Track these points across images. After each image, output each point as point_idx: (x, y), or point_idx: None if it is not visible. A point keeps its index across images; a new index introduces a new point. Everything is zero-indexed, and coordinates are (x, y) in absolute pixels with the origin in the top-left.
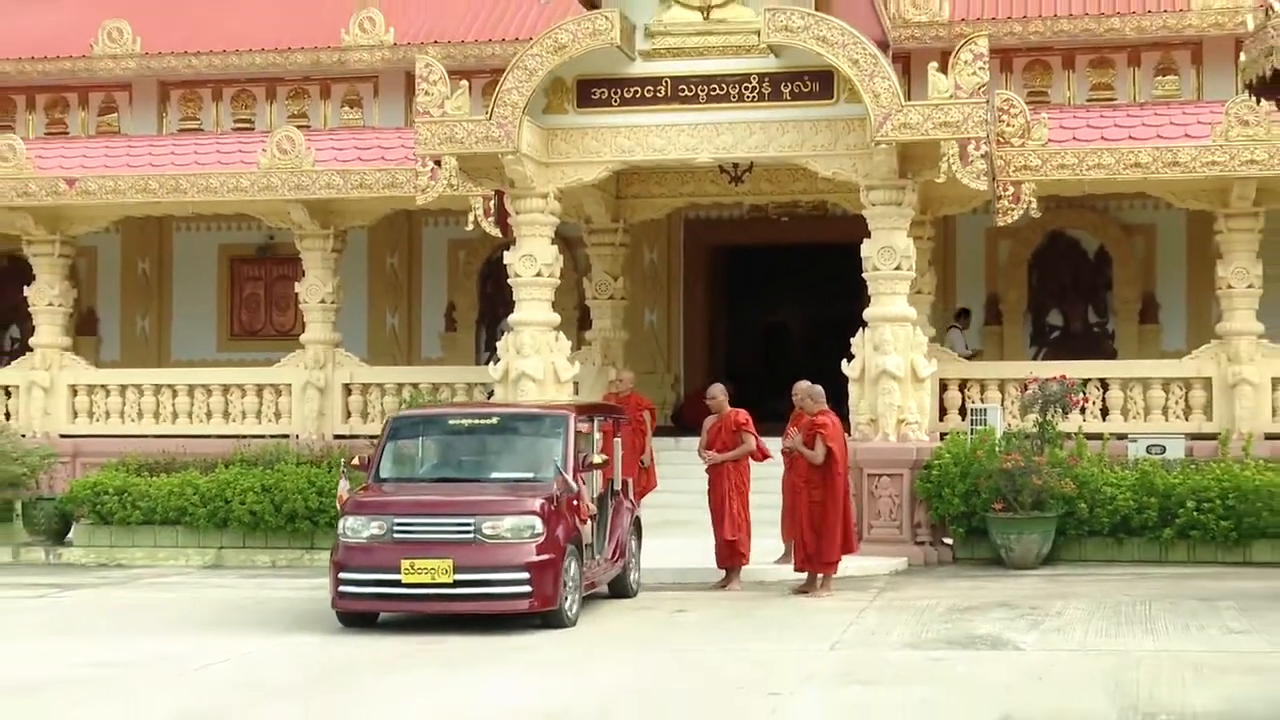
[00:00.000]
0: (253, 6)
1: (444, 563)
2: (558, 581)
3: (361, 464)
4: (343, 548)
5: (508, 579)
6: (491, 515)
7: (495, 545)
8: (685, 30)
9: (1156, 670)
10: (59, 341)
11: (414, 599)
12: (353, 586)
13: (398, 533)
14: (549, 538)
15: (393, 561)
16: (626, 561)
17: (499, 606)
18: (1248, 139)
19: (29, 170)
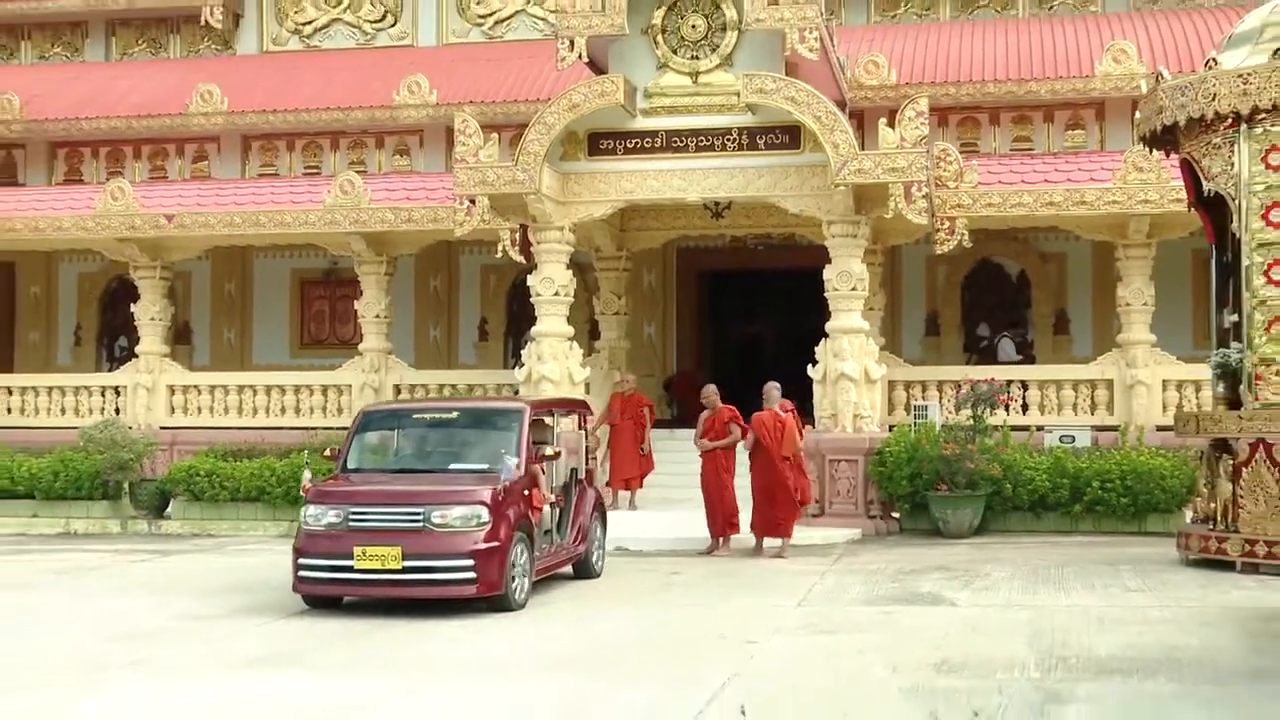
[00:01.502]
0: (320, 72)
1: (393, 550)
2: (503, 568)
3: (333, 455)
4: (303, 534)
5: (453, 565)
6: (440, 505)
7: (442, 534)
8: (677, 92)
9: (1068, 622)
10: (159, 349)
11: (365, 584)
12: (310, 571)
13: (352, 521)
14: (495, 526)
15: (347, 548)
16: (589, 544)
17: (445, 592)
18: (1142, 182)
19: (136, 208)
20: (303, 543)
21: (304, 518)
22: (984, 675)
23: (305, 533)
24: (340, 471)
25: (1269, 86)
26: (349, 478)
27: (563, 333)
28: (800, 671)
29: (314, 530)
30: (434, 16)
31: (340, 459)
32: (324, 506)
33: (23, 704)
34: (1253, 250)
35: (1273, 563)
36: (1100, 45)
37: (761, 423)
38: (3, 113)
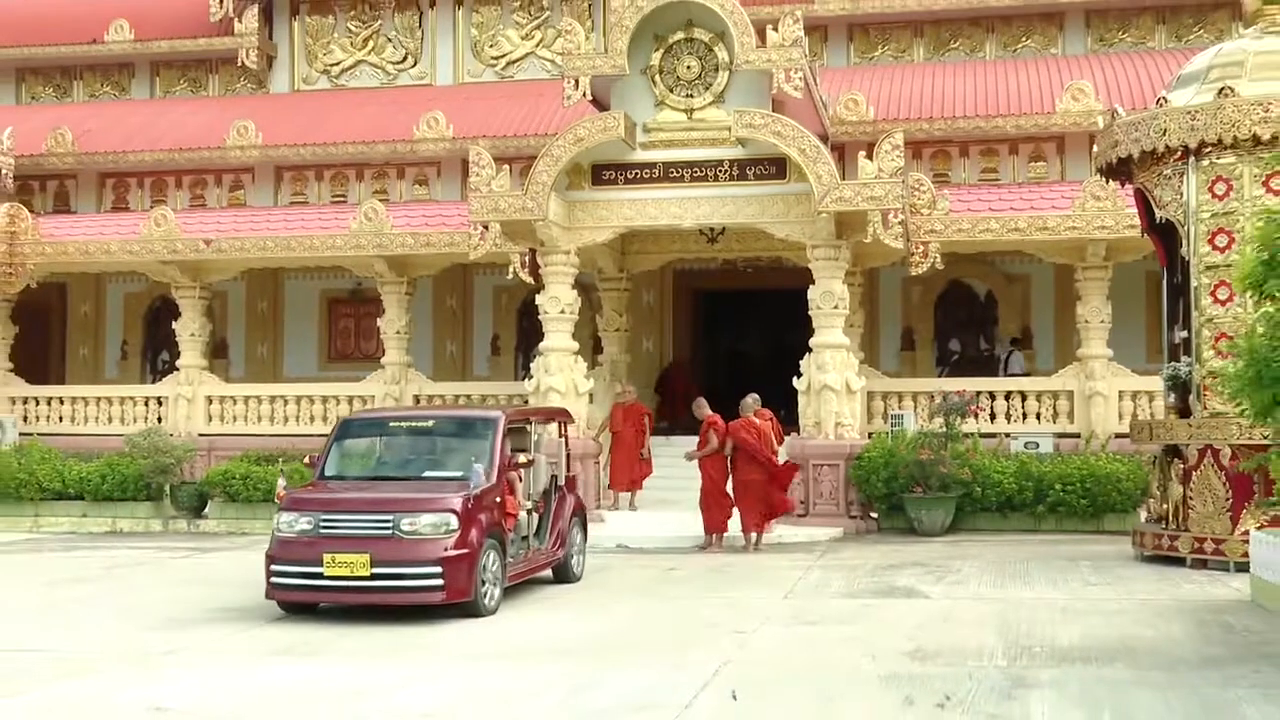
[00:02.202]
0: (347, 109)
1: (362, 557)
2: (472, 574)
3: (312, 462)
4: (276, 541)
5: (421, 573)
6: (409, 512)
7: (411, 541)
8: (674, 127)
9: (1032, 613)
10: (198, 363)
11: (335, 590)
12: (282, 578)
13: (323, 528)
14: (464, 534)
15: (317, 555)
16: (568, 550)
17: (413, 598)
18: (1099, 210)
19: (177, 233)
20: (275, 549)
21: (277, 524)
22: (955, 662)
23: (278, 539)
24: (318, 479)
25: (1214, 123)
26: (327, 485)
27: (569, 348)
28: (787, 659)
29: (286, 537)
30: (451, 58)
31: (319, 466)
32: (296, 514)
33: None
34: (1200, 272)
35: (1220, 559)
36: (1060, 84)
37: (736, 430)
38: (57, 146)
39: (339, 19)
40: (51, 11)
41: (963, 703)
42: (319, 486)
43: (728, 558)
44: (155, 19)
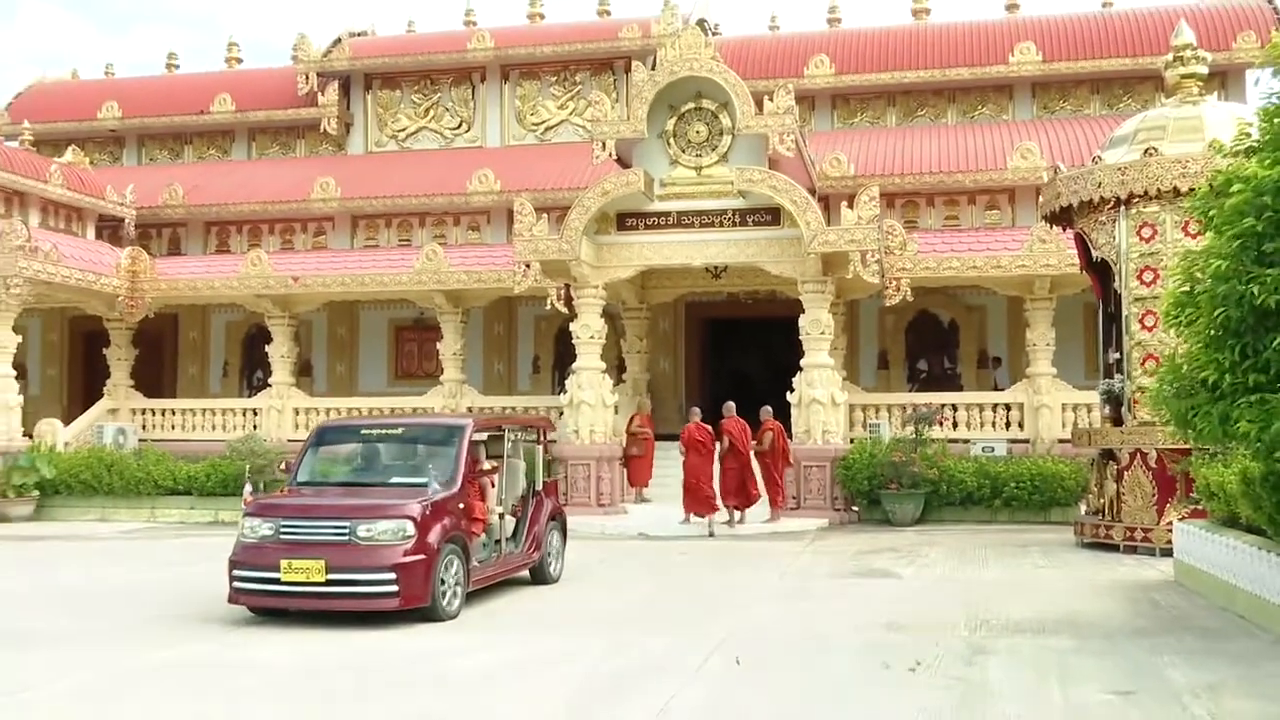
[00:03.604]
0: (411, 167)
1: (317, 563)
2: (428, 580)
3: (288, 468)
4: (239, 546)
5: (376, 579)
6: (365, 519)
7: (367, 547)
8: (685, 182)
9: (990, 591)
10: (287, 380)
11: (291, 595)
12: (243, 583)
13: (283, 534)
14: (421, 540)
15: (275, 561)
16: (545, 552)
17: (367, 605)
18: (1045, 251)
19: (270, 271)
20: (238, 554)
21: (242, 529)
22: (924, 633)
23: (241, 544)
24: (291, 484)
25: (1141, 177)
26: (299, 490)
27: (598, 367)
28: (782, 630)
29: (249, 542)
30: (499, 124)
31: (293, 473)
32: (260, 519)
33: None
34: (1131, 303)
35: (1148, 545)
36: (1011, 145)
37: (728, 430)
38: (170, 199)
39: (405, 92)
40: (166, 87)
41: (931, 667)
42: (290, 493)
43: (730, 543)
44: (252, 93)
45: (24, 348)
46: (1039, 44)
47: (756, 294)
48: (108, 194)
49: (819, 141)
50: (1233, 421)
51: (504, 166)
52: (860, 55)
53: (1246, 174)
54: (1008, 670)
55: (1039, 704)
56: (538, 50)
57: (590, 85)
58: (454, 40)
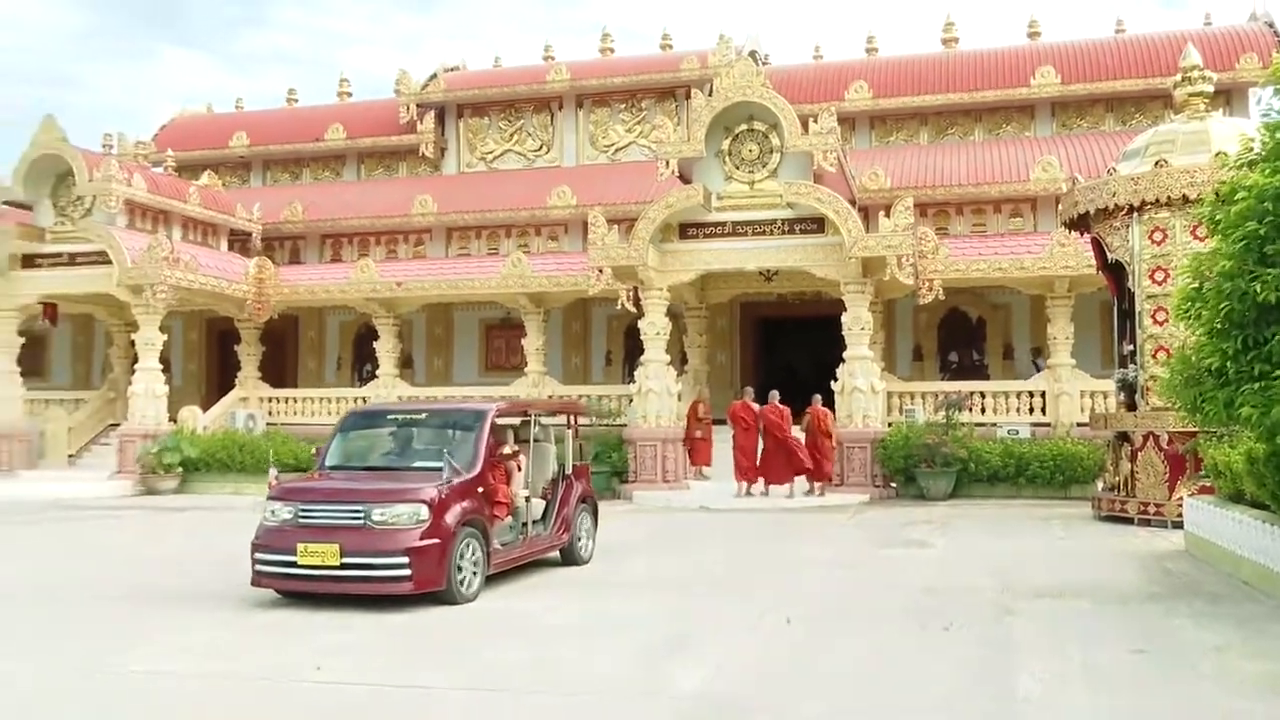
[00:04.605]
0: (498, 185)
1: (332, 547)
2: (443, 564)
3: (318, 452)
4: (261, 529)
5: (389, 563)
6: (380, 503)
7: (381, 531)
8: (739, 195)
9: (1015, 560)
10: (392, 372)
11: (307, 579)
12: (263, 566)
13: (301, 518)
14: (435, 523)
15: (292, 545)
16: (574, 535)
17: (381, 588)
18: (1064, 254)
19: (376, 278)
20: (260, 537)
21: (265, 513)
22: (956, 596)
23: (263, 528)
24: (319, 468)
25: (1152, 186)
26: (329, 474)
27: (663, 360)
28: (828, 593)
29: (270, 525)
30: (574, 146)
31: (321, 457)
32: (281, 503)
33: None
34: (1144, 300)
35: (1160, 518)
36: (1033, 160)
37: (765, 414)
38: (291, 216)
39: (492, 119)
40: (287, 118)
41: (963, 626)
42: (316, 476)
43: (780, 515)
44: (360, 122)
45: (168, 345)
46: (1058, 67)
47: (803, 294)
48: (238, 212)
49: (858, 158)
50: (1237, 406)
51: (579, 184)
52: (895, 80)
53: (1250, 183)
54: (1032, 630)
55: (1061, 660)
56: (608, 81)
57: (655, 111)
58: (535, 73)
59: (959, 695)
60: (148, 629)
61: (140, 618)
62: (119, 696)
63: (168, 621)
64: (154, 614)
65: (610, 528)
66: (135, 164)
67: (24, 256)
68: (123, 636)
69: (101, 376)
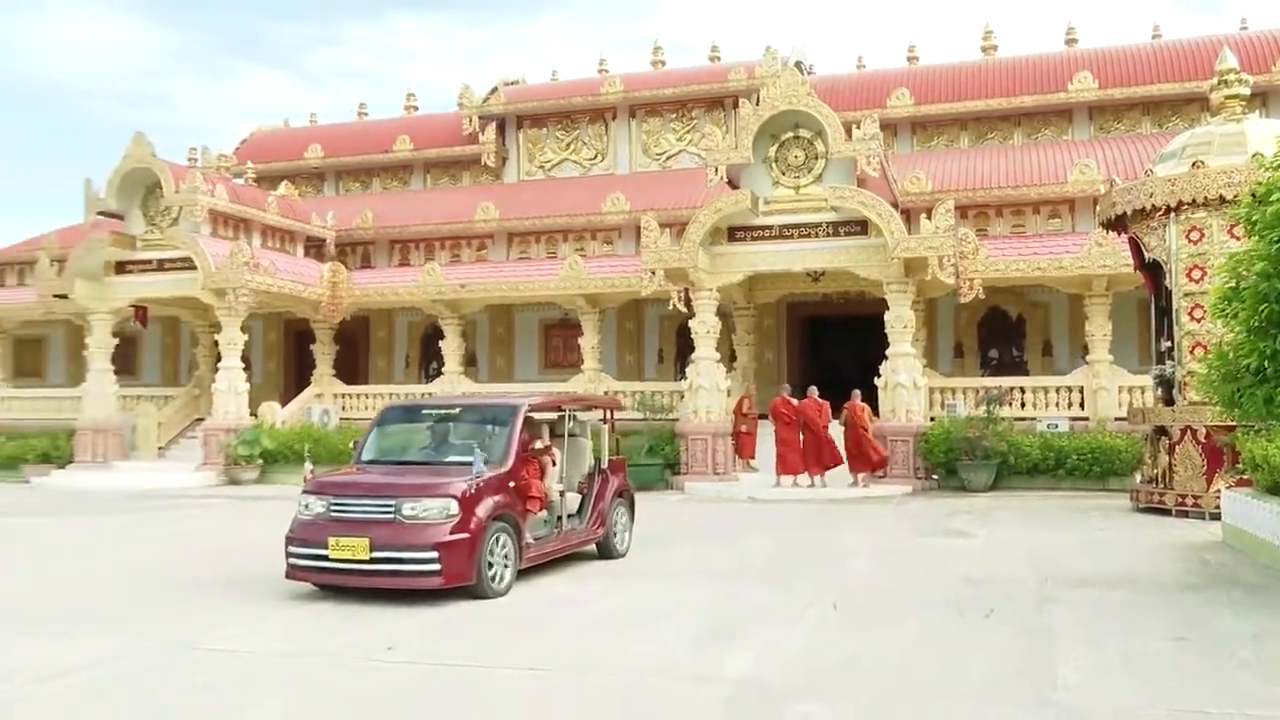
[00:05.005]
0: (555, 192)
1: (362, 541)
2: (472, 558)
3: (355, 446)
4: (296, 523)
5: (419, 557)
6: (410, 498)
7: (411, 525)
8: (786, 199)
9: (1055, 550)
10: (457, 369)
11: (338, 573)
12: (296, 559)
13: (333, 512)
14: (465, 518)
15: (324, 538)
16: (609, 528)
17: (410, 583)
18: (1101, 253)
19: (442, 281)
20: (294, 530)
21: (299, 506)
22: (997, 585)
23: (298, 521)
24: (355, 462)
25: (1189, 187)
26: (365, 468)
27: (713, 357)
28: (873, 582)
29: (304, 519)
30: (628, 154)
31: (358, 451)
32: (315, 497)
33: None
34: (1181, 298)
35: (1198, 510)
36: (1071, 163)
37: (804, 409)
38: (362, 223)
39: (550, 130)
40: (358, 131)
41: (1002, 614)
42: (352, 470)
43: (825, 505)
44: (426, 134)
45: (249, 345)
46: (1095, 73)
47: (847, 294)
48: (313, 219)
49: (900, 163)
50: (1275, 403)
51: (632, 190)
52: (936, 87)
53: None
54: (1072, 619)
55: (1100, 648)
56: (660, 92)
57: (704, 119)
58: (590, 86)
59: (1000, 682)
60: (230, 611)
61: (221, 600)
62: (205, 672)
63: (246, 604)
64: (233, 597)
65: (663, 517)
66: (218, 176)
67: (117, 263)
68: (205, 617)
69: (188, 374)
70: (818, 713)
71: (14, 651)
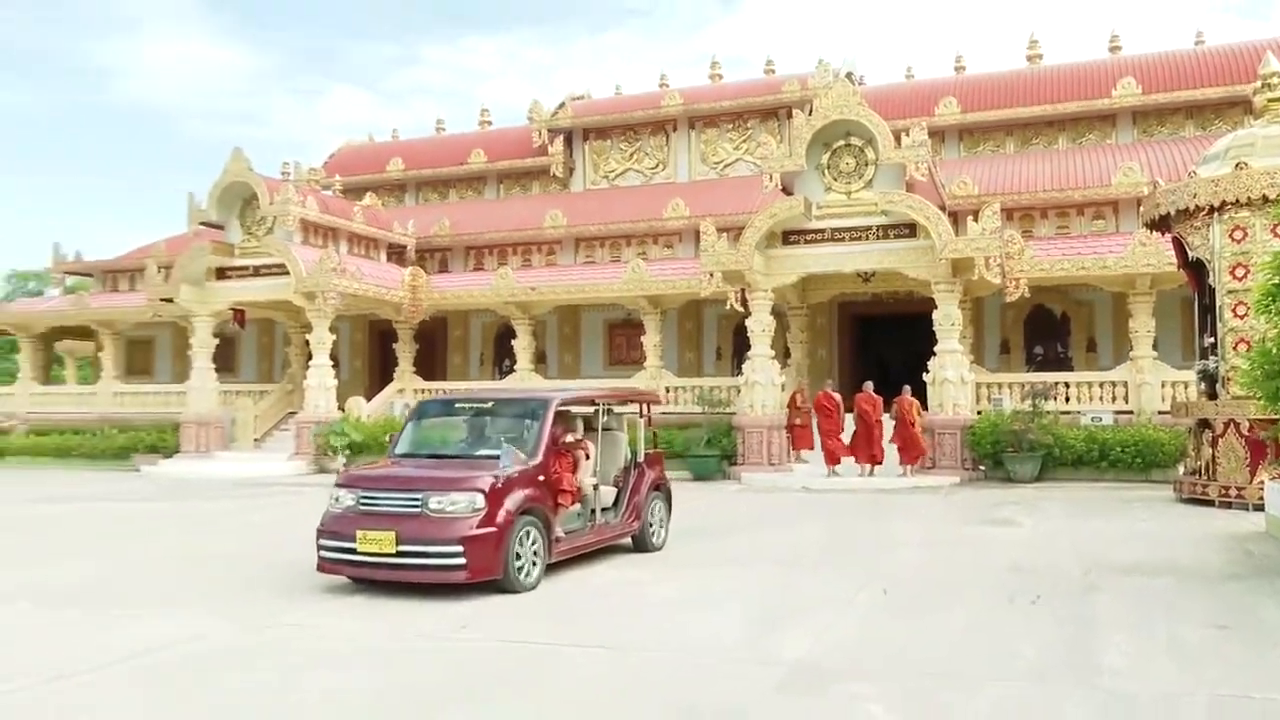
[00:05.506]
0: (619, 200)
1: (388, 534)
2: (498, 552)
3: (392, 440)
4: (327, 515)
5: (444, 551)
6: (437, 491)
7: (437, 519)
8: (838, 204)
9: (1100, 539)
10: (528, 367)
11: (366, 565)
12: (327, 551)
13: (362, 505)
14: (492, 512)
15: (352, 531)
16: (644, 522)
17: (436, 577)
18: (1145, 253)
19: (513, 284)
20: (325, 523)
21: (330, 499)
22: (1043, 573)
23: (328, 514)
24: (390, 456)
25: (1233, 188)
26: (398, 462)
27: (768, 354)
28: (922, 569)
29: (335, 512)
30: (687, 164)
31: (392, 445)
32: (345, 490)
33: None
34: (1224, 295)
35: (1241, 501)
36: (1115, 166)
37: (857, 402)
38: (439, 231)
39: (614, 141)
40: (436, 145)
41: (1049, 601)
42: (385, 464)
43: (876, 495)
44: (498, 147)
45: (337, 344)
46: (1139, 78)
47: (897, 294)
48: (394, 228)
49: (948, 168)
50: None
51: (691, 197)
52: (983, 95)
53: None
54: (1116, 606)
55: (1145, 635)
56: (717, 104)
57: (759, 129)
58: (651, 99)
59: (1047, 666)
60: (313, 593)
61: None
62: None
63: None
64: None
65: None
66: (309, 188)
67: (217, 269)
68: (292, 599)
69: (281, 371)
70: (869, 693)
71: (125, 628)
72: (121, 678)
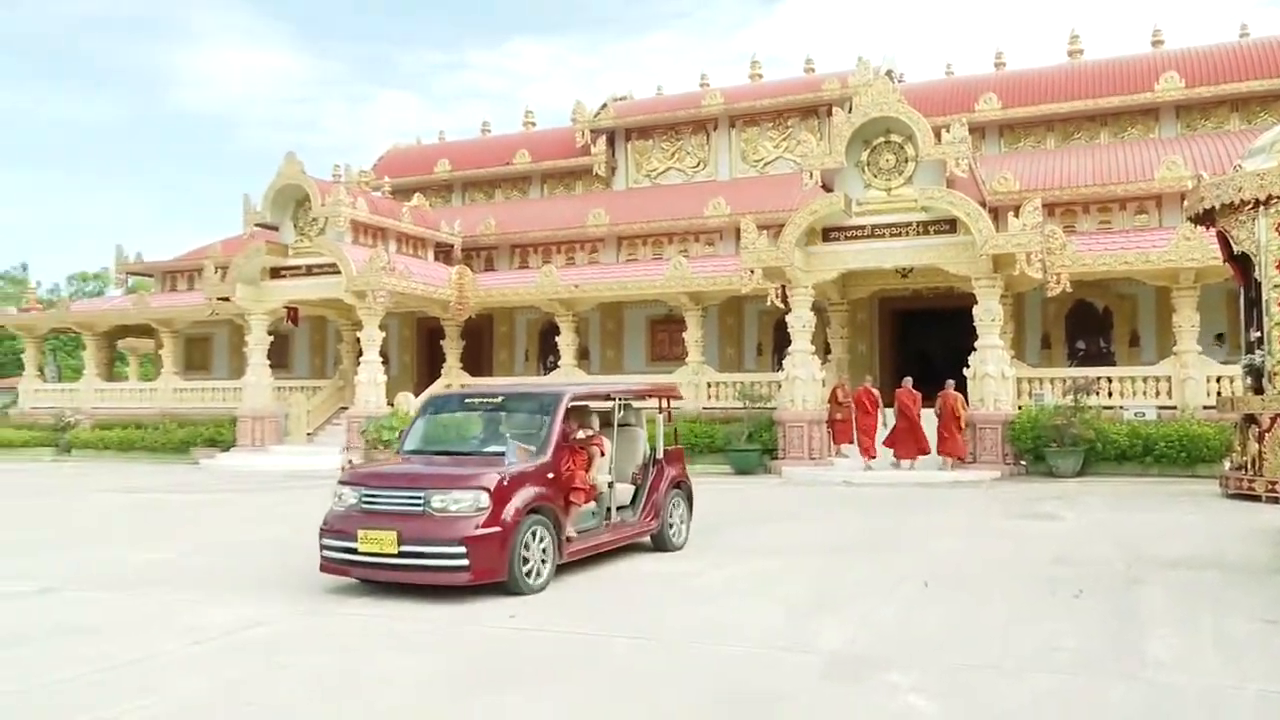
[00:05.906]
0: (661, 198)
1: (390, 534)
2: (503, 553)
3: (400, 436)
4: (330, 514)
5: (446, 552)
6: (440, 490)
7: (439, 519)
8: (877, 201)
9: (1143, 533)
10: (572, 363)
11: (368, 566)
12: (329, 551)
13: (364, 503)
14: (497, 511)
15: (354, 531)
16: (663, 520)
17: (437, 578)
18: (1189, 247)
19: (557, 281)
20: (328, 522)
21: (334, 497)
22: (1086, 566)
23: (331, 513)
24: (399, 453)
25: (1278, 181)
26: (407, 458)
27: (808, 350)
28: (964, 561)
29: (337, 511)
30: (728, 162)
31: (401, 441)
32: (349, 488)
33: None
34: (1270, 289)
35: None
36: (1158, 160)
37: (898, 397)
38: (485, 230)
39: (655, 141)
40: (482, 146)
41: (1093, 594)
42: (400, 460)
43: (917, 489)
44: (542, 148)
45: (387, 341)
46: (1182, 72)
47: (937, 289)
48: (441, 227)
49: (988, 163)
50: None
51: (732, 195)
52: (1023, 91)
53: None
54: (1161, 599)
55: (1191, 628)
56: (758, 103)
57: (799, 128)
58: (692, 99)
59: (1090, 658)
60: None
61: None
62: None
63: None
64: None
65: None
66: (359, 190)
67: (272, 269)
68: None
69: (333, 367)
70: (909, 683)
71: (183, 615)
72: (211, 656)
